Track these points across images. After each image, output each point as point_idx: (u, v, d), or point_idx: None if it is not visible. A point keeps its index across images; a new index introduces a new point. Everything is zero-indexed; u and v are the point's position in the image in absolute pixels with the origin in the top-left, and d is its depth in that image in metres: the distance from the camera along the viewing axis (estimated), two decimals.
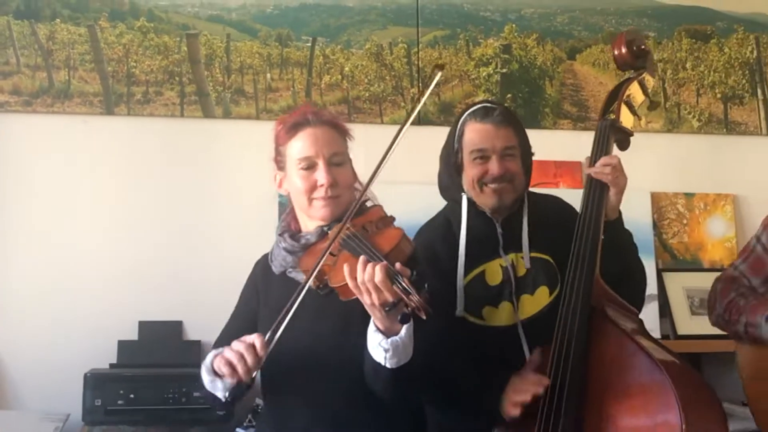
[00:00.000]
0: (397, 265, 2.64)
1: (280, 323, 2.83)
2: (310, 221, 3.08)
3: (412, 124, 4.53)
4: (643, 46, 3.69)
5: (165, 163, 4.66)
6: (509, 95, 4.94)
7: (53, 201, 4.57)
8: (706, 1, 4.92)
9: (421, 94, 3.02)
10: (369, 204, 3.10)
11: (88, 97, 4.66)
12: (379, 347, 2.74)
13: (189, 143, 4.74)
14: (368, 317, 2.81)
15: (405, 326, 2.71)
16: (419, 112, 4.79)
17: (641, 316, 3.36)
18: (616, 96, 3.59)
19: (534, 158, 3.60)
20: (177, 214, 4.66)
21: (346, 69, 4.96)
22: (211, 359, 2.91)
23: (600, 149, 3.44)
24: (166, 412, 4.08)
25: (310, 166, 3.01)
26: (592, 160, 3.41)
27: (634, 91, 3.63)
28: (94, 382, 4.06)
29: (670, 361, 3.04)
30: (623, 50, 3.64)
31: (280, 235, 3.15)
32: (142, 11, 4.79)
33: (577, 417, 2.99)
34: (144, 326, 4.45)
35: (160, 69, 4.76)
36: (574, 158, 4.93)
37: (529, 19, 5.21)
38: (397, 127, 4.49)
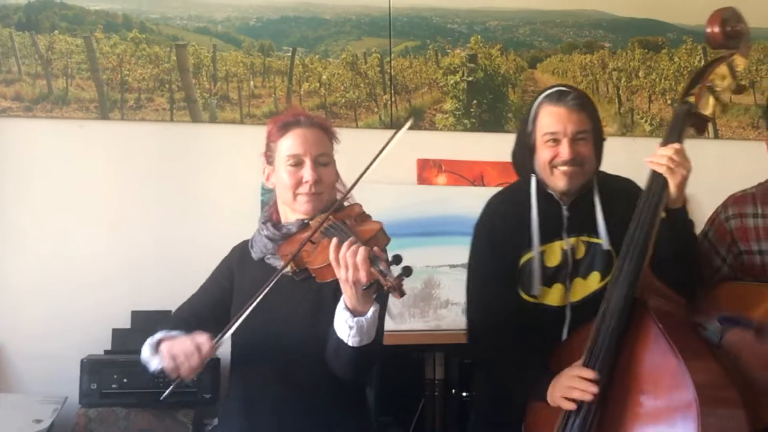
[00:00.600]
0: (375, 248, 2.70)
1: (239, 316, 2.91)
2: (291, 214, 3.14)
3: (385, 127, 4.73)
4: (738, 27, 3.47)
5: (156, 165, 4.76)
6: (475, 101, 5.03)
7: (52, 199, 4.69)
8: (658, 14, 4.96)
9: (391, 138, 2.95)
10: (346, 204, 3.15)
11: (84, 103, 4.77)
12: (344, 324, 2.79)
13: (178, 146, 4.84)
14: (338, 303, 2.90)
15: (372, 308, 2.76)
16: (391, 116, 5.05)
17: None
18: (699, 79, 3.47)
19: (497, 159, 3.71)
20: (167, 212, 4.77)
21: (324, 77, 5.06)
22: (158, 339, 2.97)
23: (672, 134, 3.35)
24: (156, 395, 3.87)
25: (298, 164, 3.06)
26: (665, 142, 3.39)
27: (721, 73, 3.46)
28: (90, 367, 4.18)
29: (699, 361, 3.01)
30: (716, 29, 3.43)
31: (263, 223, 3.20)
32: (135, 23, 4.87)
33: (603, 398, 3.00)
34: (136, 315, 4.56)
35: (151, 77, 4.86)
36: None
37: (493, 30, 5.28)
38: (371, 132, 4.80)
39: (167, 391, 2.83)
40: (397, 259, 2.68)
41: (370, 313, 2.76)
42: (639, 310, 3.02)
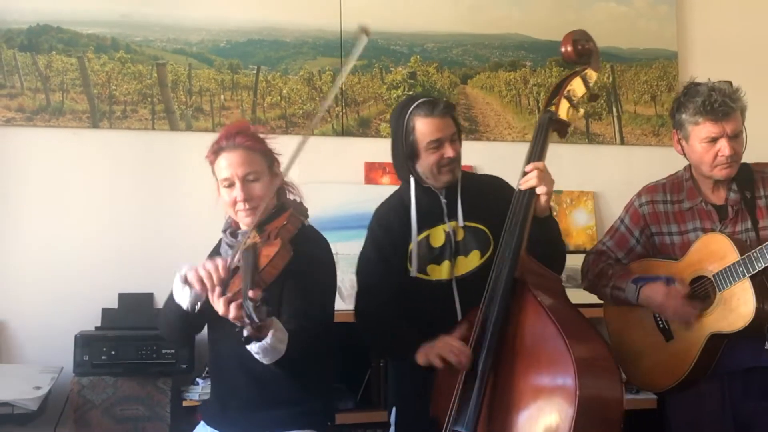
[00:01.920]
0: (250, 291, 2.75)
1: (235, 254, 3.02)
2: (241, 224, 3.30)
3: (337, 135, 4.98)
4: (588, 45, 3.69)
5: (139, 167, 4.89)
6: None
7: (50, 197, 4.79)
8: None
9: (350, 56, 3.15)
10: (292, 200, 3.34)
11: (77, 114, 4.87)
12: (252, 350, 2.91)
13: (158, 151, 4.95)
14: (281, 301, 3.10)
15: (270, 332, 2.85)
16: (342, 124, 5.08)
17: None
18: (558, 91, 3.65)
19: None
20: (149, 208, 4.87)
21: (284, 91, 5.15)
22: (185, 272, 3.07)
23: (538, 139, 3.53)
24: (140, 366, 4.28)
25: (230, 185, 3.22)
26: (531, 149, 3.51)
27: (576, 85, 3.64)
28: (83, 341, 4.28)
29: (575, 329, 3.14)
30: (569, 48, 3.67)
31: (224, 231, 3.36)
32: (121, 45, 4.95)
33: (494, 366, 3.15)
34: (123, 297, 4.67)
35: (135, 91, 4.95)
36: (466, 162, 4.62)
37: (430, 51, 5.39)
38: (326, 139, 5.00)
39: (188, 306, 3.02)
40: (264, 304, 2.74)
41: (269, 338, 2.85)
42: (520, 287, 3.22)
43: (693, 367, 3.54)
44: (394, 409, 3.69)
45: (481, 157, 5.22)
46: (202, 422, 3.37)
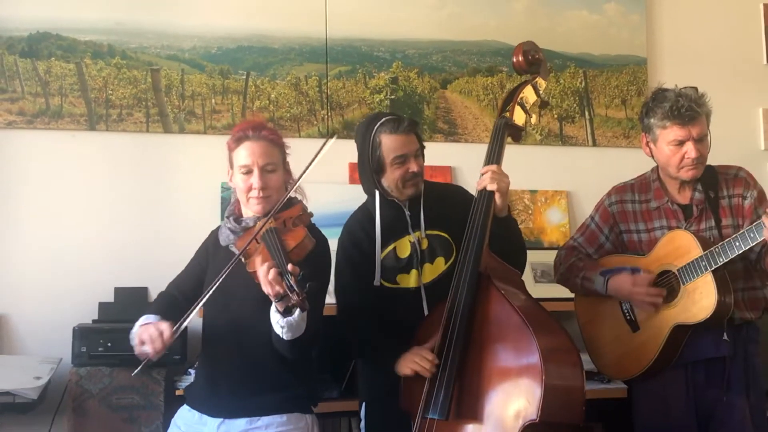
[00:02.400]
0: (290, 266, 2.85)
1: (196, 305, 3.08)
2: (246, 211, 3.34)
3: (322, 137, 4.87)
4: (537, 56, 3.76)
5: (135, 167, 4.92)
6: None
7: (49, 196, 4.82)
8: (546, 44, 4.63)
9: (318, 151, 3.16)
10: (298, 197, 3.36)
11: (76, 117, 4.90)
12: (277, 324, 2.98)
13: (153, 152, 4.98)
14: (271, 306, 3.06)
15: (297, 311, 2.93)
16: (328, 127, 5.19)
17: None
18: (511, 98, 3.71)
19: None
20: (144, 207, 4.90)
21: (272, 96, 5.19)
22: (139, 326, 3.14)
23: (495, 143, 3.58)
24: (135, 357, 3.73)
25: (248, 172, 3.24)
26: (488, 153, 3.57)
27: (528, 93, 3.72)
28: (81, 333, 4.30)
29: (537, 318, 3.20)
30: (520, 58, 3.74)
31: (227, 217, 3.36)
32: (117, 52, 4.98)
33: (462, 356, 3.21)
34: (119, 291, 4.70)
35: (130, 96, 4.98)
36: (446, 163, 5.27)
37: (411, 57, 5.43)
38: (311, 141, 4.94)
39: (138, 369, 3.07)
40: (305, 280, 2.85)
41: (296, 314, 2.94)
42: (484, 281, 3.29)
43: (658, 356, 3.60)
44: (363, 405, 3.73)
45: (459, 158, 5.33)
46: (185, 406, 3.40)
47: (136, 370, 3.09)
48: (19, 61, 4.88)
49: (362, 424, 3.70)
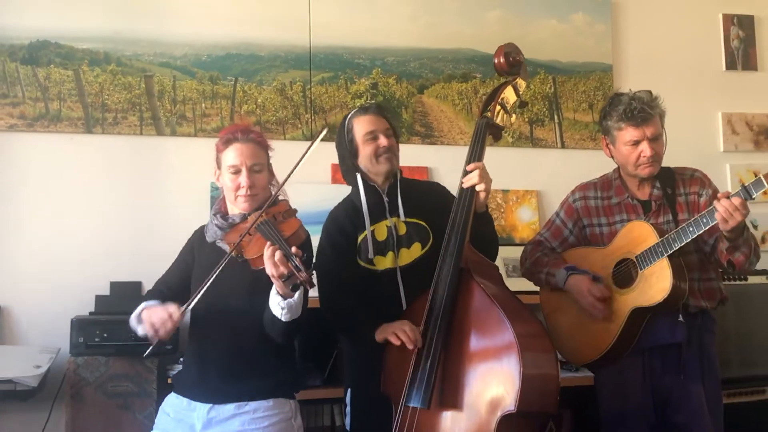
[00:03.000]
0: (293, 248, 2.93)
1: (200, 289, 3.12)
2: (233, 209, 3.39)
3: (306, 139, 4.96)
4: (518, 58, 3.76)
5: (129, 168, 4.97)
6: None
7: (49, 195, 4.87)
8: None
9: (311, 144, 3.23)
10: (280, 198, 3.35)
11: (73, 121, 4.95)
12: (277, 306, 3.04)
13: (146, 154, 5.03)
14: (271, 282, 3.08)
15: (297, 292, 2.99)
16: (311, 130, 5.21)
17: None
18: (493, 98, 3.72)
19: None
20: (138, 205, 4.94)
21: (259, 100, 5.25)
22: (141, 310, 3.21)
23: (477, 142, 3.59)
24: (129, 347, 4.29)
25: (236, 172, 3.31)
26: (470, 151, 3.57)
27: (508, 93, 3.73)
28: (78, 325, 4.35)
29: (514, 309, 3.21)
30: (501, 60, 3.76)
31: (214, 214, 3.41)
32: (113, 59, 5.04)
33: (444, 349, 3.22)
34: (114, 285, 4.75)
35: (125, 100, 5.03)
36: (423, 164, 5.35)
37: (390, 64, 5.51)
38: (296, 144, 5.01)
39: (149, 350, 3.10)
40: (309, 261, 2.98)
41: (296, 296, 3.03)
42: (465, 275, 3.31)
43: (616, 340, 3.68)
44: (349, 391, 3.74)
45: (435, 159, 5.44)
46: (172, 394, 3.43)
47: (147, 352, 3.12)
48: (20, 67, 4.93)
49: (348, 409, 3.74)
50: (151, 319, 3.10)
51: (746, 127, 6.09)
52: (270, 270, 2.97)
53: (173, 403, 3.39)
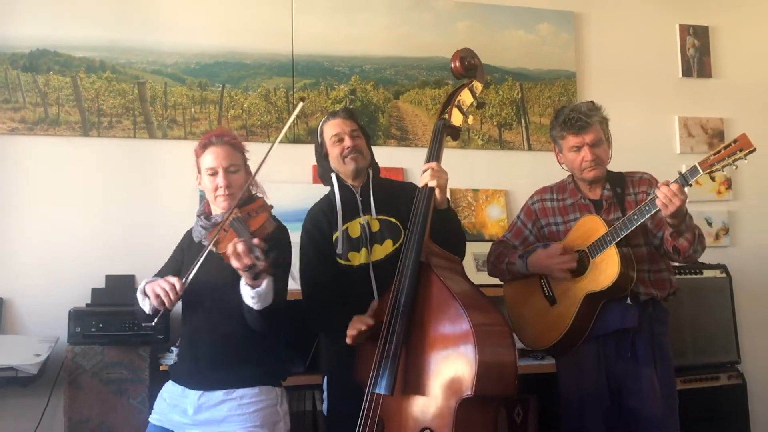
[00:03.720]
0: (255, 240, 2.96)
1: (195, 264, 3.18)
2: (215, 209, 3.45)
3: (290, 142, 5.05)
4: (473, 62, 3.81)
5: (123, 169, 5.04)
6: None
7: (48, 194, 4.94)
8: (486, 59, 4.46)
9: (290, 115, 3.23)
10: (259, 195, 3.42)
11: (71, 125, 5.02)
12: (248, 296, 3.09)
13: (139, 155, 5.10)
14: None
15: (264, 281, 3.03)
16: (294, 133, 5.29)
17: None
18: (449, 101, 3.74)
19: None
20: (131, 203, 5.01)
21: (245, 105, 5.32)
22: (144, 285, 3.24)
23: (434, 143, 3.60)
24: (123, 337, 4.39)
25: (214, 173, 3.36)
26: (429, 152, 3.59)
27: (465, 96, 3.74)
28: (75, 316, 4.40)
29: (472, 301, 3.24)
30: (457, 64, 3.80)
31: (198, 216, 3.47)
32: (108, 67, 5.11)
33: (405, 337, 3.23)
34: (109, 278, 4.82)
35: (119, 105, 5.11)
36: (398, 165, 5.41)
37: (368, 71, 5.58)
38: (279, 146, 4.40)
39: (155, 319, 3.16)
40: (270, 250, 3.01)
41: (263, 285, 3.06)
42: (425, 269, 3.34)
43: (571, 325, 3.78)
44: (325, 378, 3.81)
45: (410, 160, 5.50)
46: (170, 381, 3.48)
47: (154, 320, 3.16)
48: (21, 74, 5.00)
49: (324, 395, 3.79)
50: (155, 289, 3.13)
51: (701, 130, 6.19)
52: (234, 263, 3.02)
53: (170, 389, 3.46)
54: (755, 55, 6.46)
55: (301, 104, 3.51)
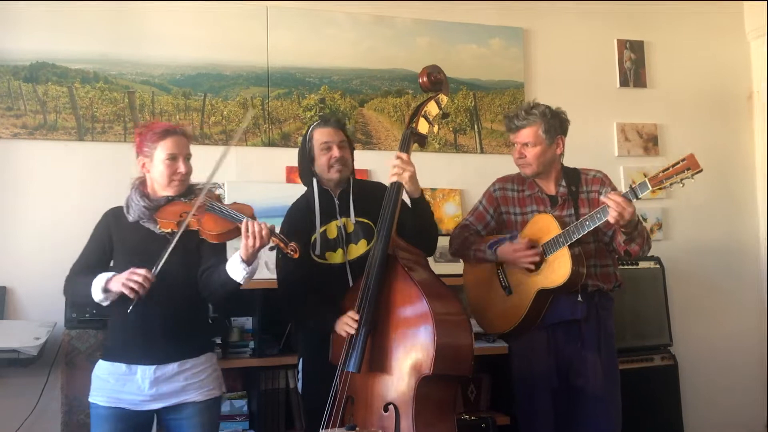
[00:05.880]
0: (272, 225, 3.07)
1: (164, 255, 3.18)
2: (161, 192, 3.42)
3: (265, 146, 5.25)
4: (439, 76, 3.83)
5: (114, 170, 4.95)
6: None
7: (48, 192, 5.03)
8: (444, 70, 4.12)
9: (242, 120, 3.25)
10: (217, 192, 3.50)
11: (67, 130, 5.10)
12: (240, 270, 3.14)
13: (130, 159, 3.96)
14: (207, 255, 3.30)
15: (256, 259, 3.12)
16: (269, 137, 5.41)
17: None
18: (417, 112, 3.79)
19: None
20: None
21: (225, 113, 5.41)
22: (104, 282, 3.22)
23: (403, 149, 3.65)
24: None
25: (173, 159, 3.37)
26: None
27: (431, 107, 3.79)
28: (72, 302, 4.42)
29: (433, 289, 3.32)
30: (425, 79, 3.83)
31: (140, 196, 3.42)
32: (101, 77, 5.19)
33: (373, 323, 3.33)
34: None
35: (111, 113, 5.19)
36: (363, 167, 5.41)
37: (336, 82, 5.71)
38: (256, 149, 5.26)
39: (131, 307, 3.18)
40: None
41: (256, 262, 3.21)
42: (392, 261, 3.42)
43: (525, 315, 3.85)
44: (301, 360, 3.84)
45: (374, 162, 5.58)
46: (101, 362, 3.46)
47: (130, 308, 3.17)
48: (23, 85, 5.08)
49: (299, 375, 3.84)
50: (128, 283, 3.14)
51: (637, 135, 6.38)
52: (251, 242, 3.08)
53: (109, 369, 3.42)
54: (686, 68, 6.61)
55: (249, 114, 3.70)
